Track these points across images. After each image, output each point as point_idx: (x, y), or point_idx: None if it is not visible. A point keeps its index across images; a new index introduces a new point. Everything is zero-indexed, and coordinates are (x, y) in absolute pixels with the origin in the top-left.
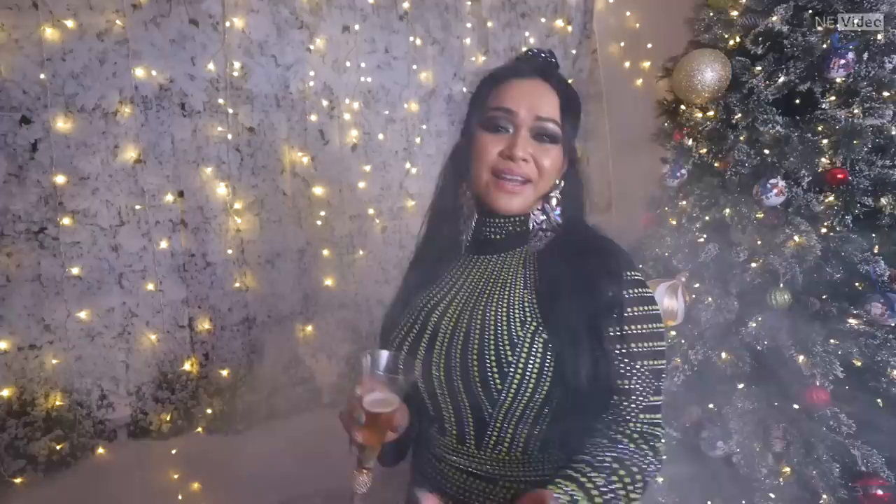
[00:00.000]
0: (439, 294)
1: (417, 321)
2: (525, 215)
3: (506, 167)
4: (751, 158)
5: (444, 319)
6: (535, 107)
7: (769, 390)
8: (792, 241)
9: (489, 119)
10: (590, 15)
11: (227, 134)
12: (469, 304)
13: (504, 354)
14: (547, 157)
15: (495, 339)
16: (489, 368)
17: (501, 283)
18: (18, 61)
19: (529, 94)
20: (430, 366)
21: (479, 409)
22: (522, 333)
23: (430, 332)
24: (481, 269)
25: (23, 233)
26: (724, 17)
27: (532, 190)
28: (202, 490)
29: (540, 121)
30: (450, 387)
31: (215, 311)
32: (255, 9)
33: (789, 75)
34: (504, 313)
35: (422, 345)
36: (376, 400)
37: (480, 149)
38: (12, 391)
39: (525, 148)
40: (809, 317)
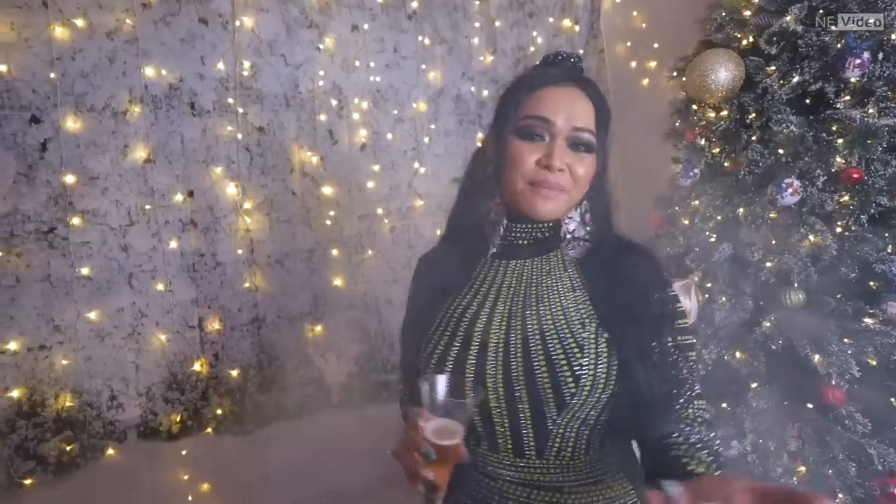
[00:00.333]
0: (475, 302)
1: (457, 334)
2: (556, 221)
3: (542, 177)
4: (765, 158)
5: (492, 329)
6: (572, 116)
7: (783, 390)
8: (807, 240)
9: (524, 127)
10: (597, 14)
11: (236, 133)
12: (516, 310)
13: (574, 357)
14: (582, 167)
15: (561, 343)
16: (560, 373)
17: (546, 288)
18: (28, 60)
19: (566, 102)
20: (485, 380)
21: (541, 418)
22: (586, 335)
23: (476, 345)
24: (518, 274)
25: (32, 233)
26: (737, 17)
27: (567, 198)
28: (212, 491)
29: (576, 131)
30: (510, 399)
31: (225, 312)
32: (265, 8)
33: (804, 75)
34: (561, 316)
35: (469, 359)
36: (441, 429)
37: (516, 157)
38: (22, 392)
39: (562, 158)
40: (824, 316)
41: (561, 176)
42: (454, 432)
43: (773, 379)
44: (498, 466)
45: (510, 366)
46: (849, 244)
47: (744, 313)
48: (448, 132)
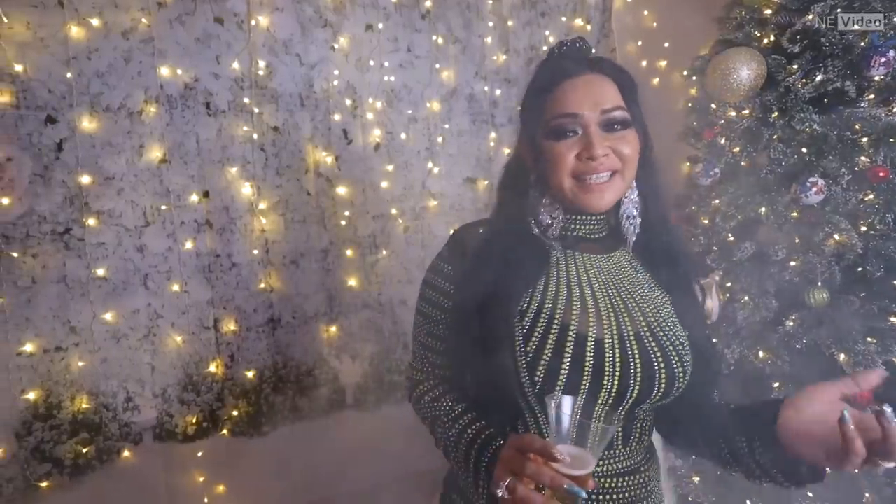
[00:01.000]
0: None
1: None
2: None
3: (587, 168)
4: (787, 157)
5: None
6: (597, 101)
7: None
8: (832, 239)
9: (555, 128)
10: (608, 14)
11: (252, 133)
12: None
13: (685, 353)
14: (625, 144)
15: (669, 339)
16: (676, 366)
17: (634, 286)
18: (44, 60)
19: (587, 90)
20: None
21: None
22: (682, 332)
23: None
24: (601, 269)
25: (48, 234)
26: (757, 16)
27: (620, 180)
28: (227, 492)
29: (606, 112)
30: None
31: (241, 312)
32: (280, 7)
33: (827, 73)
34: (659, 314)
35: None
36: (575, 458)
37: (555, 158)
38: (38, 394)
39: (602, 143)
40: (849, 315)
41: (607, 160)
42: (587, 462)
43: (796, 378)
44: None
45: (627, 362)
46: (874, 243)
47: (767, 312)
48: (461, 132)
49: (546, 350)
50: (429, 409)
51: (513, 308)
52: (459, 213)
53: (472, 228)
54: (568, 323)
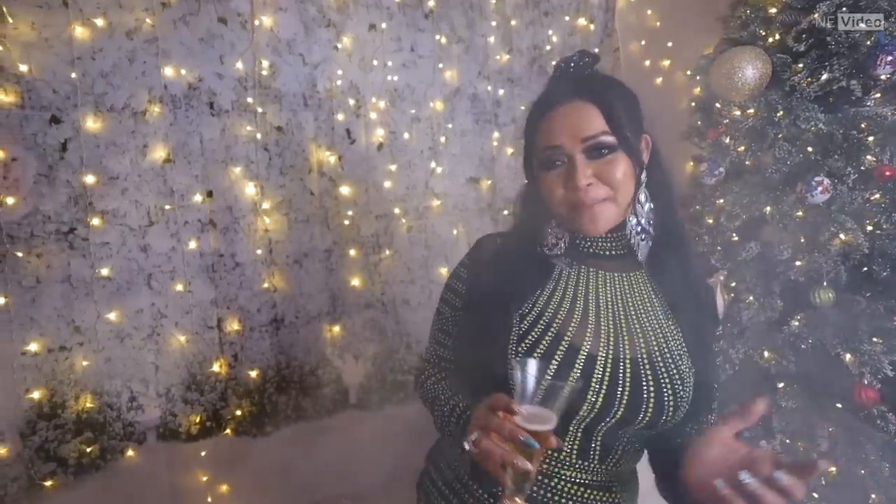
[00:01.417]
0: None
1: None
2: (621, 226)
3: (576, 199)
4: (792, 156)
5: (601, 342)
6: (577, 131)
7: (813, 389)
8: (838, 238)
9: (544, 160)
10: (612, 13)
11: (255, 133)
12: (620, 327)
13: (678, 388)
14: (614, 169)
15: (668, 373)
16: (667, 401)
17: (644, 311)
18: (49, 60)
19: (567, 121)
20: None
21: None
22: (685, 367)
23: (584, 356)
24: (609, 288)
25: (53, 233)
26: (762, 15)
27: (614, 204)
28: (231, 492)
29: (587, 140)
30: (602, 412)
31: (244, 312)
32: (284, 7)
33: (833, 72)
34: (664, 344)
35: (576, 369)
36: (534, 416)
37: (548, 190)
38: (43, 393)
39: (584, 172)
40: (855, 315)
41: (592, 189)
42: (547, 419)
43: (802, 378)
44: (558, 466)
45: (616, 382)
46: (880, 242)
47: (772, 312)
48: (464, 131)
49: (535, 353)
50: (430, 392)
51: (512, 309)
52: (462, 212)
53: (491, 237)
54: (563, 333)
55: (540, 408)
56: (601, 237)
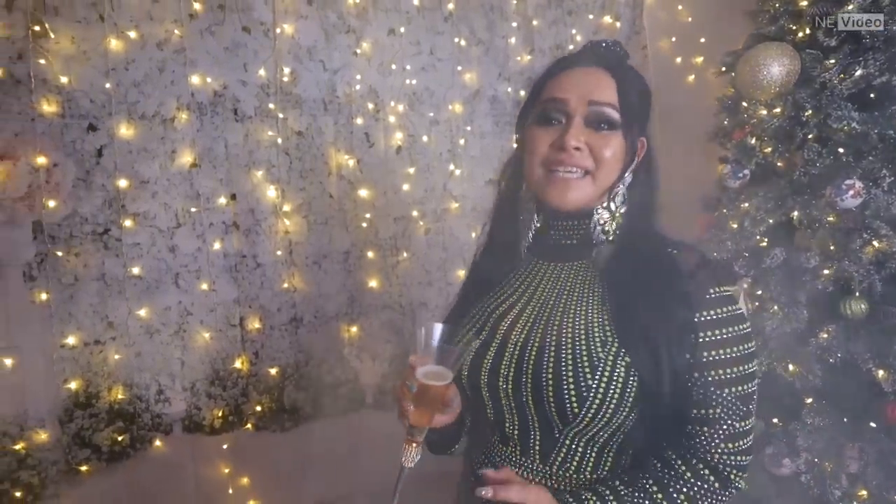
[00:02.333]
0: (507, 300)
1: (486, 327)
2: (588, 214)
3: (557, 158)
4: (822, 158)
5: (516, 330)
6: (587, 92)
7: (842, 406)
8: (870, 246)
9: (541, 112)
10: (639, 10)
11: (276, 138)
12: (542, 316)
13: (584, 377)
14: (605, 146)
15: (574, 360)
16: (566, 391)
17: (576, 298)
18: (86, 72)
19: (582, 80)
20: (498, 375)
21: (548, 426)
22: (604, 355)
23: (499, 341)
24: (551, 278)
25: (89, 234)
26: (792, 8)
27: (591, 183)
28: (251, 485)
29: (594, 105)
30: (517, 401)
31: (265, 311)
32: (305, 15)
33: (868, 68)
34: (582, 332)
35: (490, 351)
36: (430, 372)
37: (532, 144)
38: (79, 384)
39: (577, 136)
40: (889, 328)
41: (578, 155)
42: (442, 376)
43: (830, 394)
44: (505, 460)
45: (521, 370)
46: None
47: (798, 323)
48: (484, 134)
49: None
50: None
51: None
52: (481, 215)
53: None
54: (485, 325)
55: (438, 366)
56: (566, 223)
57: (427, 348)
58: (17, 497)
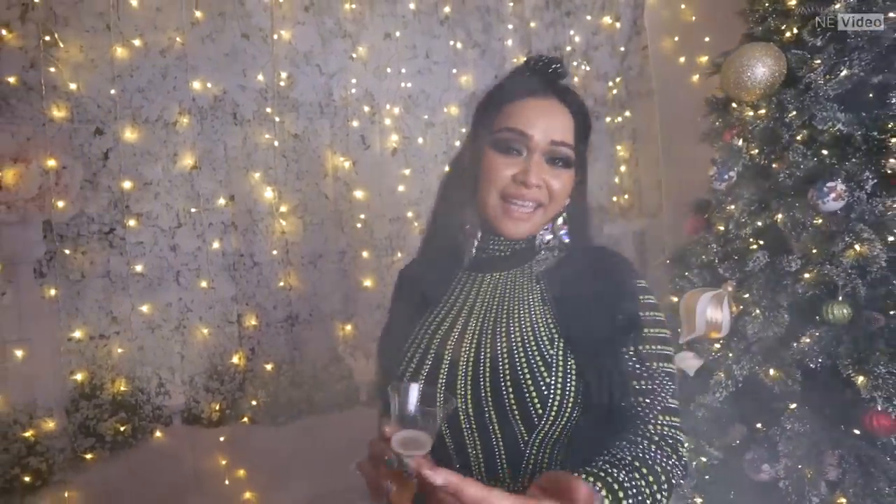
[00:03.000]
0: (448, 318)
1: (430, 350)
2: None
3: (517, 192)
4: (807, 159)
5: (463, 346)
6: (549, 130)
7: (823, 412)
8: (852, 250)
9: (501, 140)
10: (640, 10)
11: (274, 141)
12: (487, 328)
13: (541, 376)
14: (559, 182)
15: (528, 362)
16: (527, 393)
17: (518, 301)
18: (94, 79)
19: (544, 115)
20: (455, 398)
21: (513, 439)
22: (554, 352)
23: (448, 362)
24: (490, 288)
25: (95, 233)
26: (781, 8)
27: (542, 214)
28: (247, 476)
29: (554, 145)
30: (479, 420)
31: (261, 309)
32: (302, 21)
33: (853, 68)
34: (530, 333)
35: (441, 376)
36: (408, 440)
37: (492, 171)
38: (85, 376)
39: (539, 174)
40: (872, 334)
41: (538, 192)
42: (422, 443)
43: (810, 400)
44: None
45: (478, 385)
46: None
47: (778, 328)
48: None
49: (409, 371)
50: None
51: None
52: None
53: (408, 266)
54: (430, 344)
55: (415, 431)
56: (501, 242)
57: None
58: (26, 482)
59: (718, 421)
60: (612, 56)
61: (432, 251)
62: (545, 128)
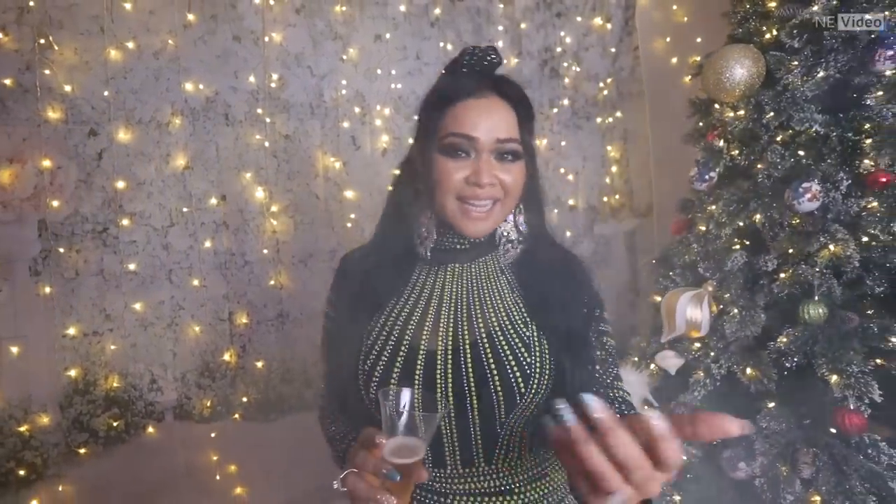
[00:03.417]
0: (417, 309)
1: (402, 343)
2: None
3: (472, 193)
4: (785, 160)
5: (438, 336)
6: (494, 130)
7: (799, 411)
8: (826, 250)
9: (448, 145)
10: (632, 11)
11: (265, 141)
12: (461, 316)
13: (522, 356)
14: (510, 176)
15: (508, 343)
16: (510, 372)
17: (488, 291)
18: (88, 81)
19: (487, 115)
20: (434, 387)
21: (490, 422)
22: (530, 333)
23: (424, 353)
24: (455, 278)
25: (89, 232)
26: (761, 10)
27: (500, 209)
28: (238, 471)
29: (501, 142)
30: (459, 407)
31: (252, 307)
32: (293, 23)
33: (829, 69)
34: (506, 318)
35: (418, 369)
36: (400, 447)
37: (444, 176)
38: (79, 372)
39: (490, 172)
40: (846, 334)
41: (491, 189)
42: (415, 449)
43: (786, 399)
44: (447, 482)
45: (460, 371)
46: (876, 255)
47: (755, 327)
48: None
49: (379, 366)
50: (328, 435)
51: (359, 330)
52: None
53: (352, 253)
54: (402, 337)
55: (406, 438)
56: (461, 237)
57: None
58: (21, 475)
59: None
60: (603, 57)
61: (387, 245)
62: (489, 128)
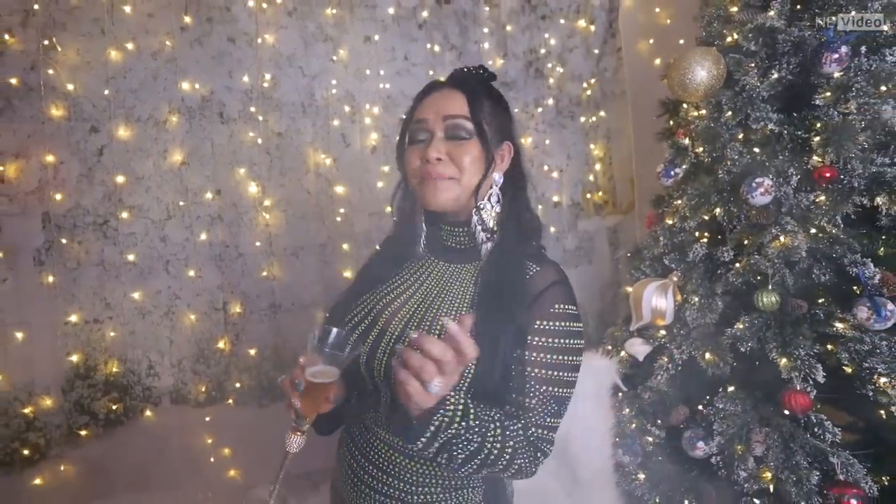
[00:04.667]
0: (393, 293)
1: (369, 315)
2: (467, 220)
3: (425, 171)
4: (742, 157)
5: (396, 319)
6: (441, 109)
7: (754, 393)
8: (777, 241)
9: (410, 135)
10: (615, 13)
11: (258, 139)
12: (421, 309)
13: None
14: (464, 153)
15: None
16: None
17: (450, 298)
18: (89, 80)
19: (437, 100)
20: (374, 357)
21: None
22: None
23: (379, 328)
24: (436, 276)
25: (91, 224)
26: (724, 14)
27: (456, 185)
28: (231, 455)
29: (448, 119)
30: (388, 379)
31: (246, 297)
32: (285, 25)
33: (782, 71)
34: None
35: (370, 336)
36: (318, 371)
37: (408, 163)
38: (80, 357)
39: (438, 148)
40: (797, 320)
41: (441, 165)
42: (328, 375)
43: (742, 382)
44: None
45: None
46: (822, 246)
47: (713, 314)
48: None
49: (348, 324)
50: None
51: (353, 298)
52: None
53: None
54: (372, 310)
55: (324, 365)
56: (451, 229)
57: (318, 349)
58: (25, 455)
59: (663, 402)
60: (587, 58)
61: (394, 240)
62: (437, 108)
